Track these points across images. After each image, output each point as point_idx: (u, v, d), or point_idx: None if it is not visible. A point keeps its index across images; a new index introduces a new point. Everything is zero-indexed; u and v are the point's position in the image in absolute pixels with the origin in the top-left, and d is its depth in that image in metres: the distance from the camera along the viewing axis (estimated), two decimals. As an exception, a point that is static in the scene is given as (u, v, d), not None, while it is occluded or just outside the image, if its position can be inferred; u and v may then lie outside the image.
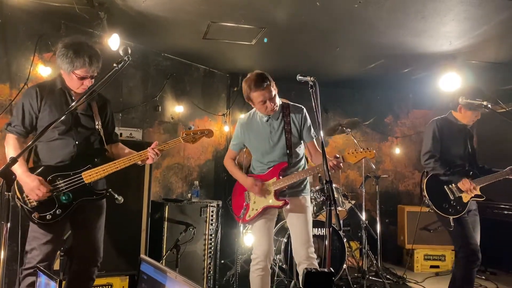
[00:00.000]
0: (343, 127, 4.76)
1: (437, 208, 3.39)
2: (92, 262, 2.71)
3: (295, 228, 3.03)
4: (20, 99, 2.61)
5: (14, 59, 3.78)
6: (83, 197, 2.60)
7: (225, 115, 5.99)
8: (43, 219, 2.45)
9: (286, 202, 3.00)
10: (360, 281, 4.58)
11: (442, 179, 3.44)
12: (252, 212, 3.06)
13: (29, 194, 2.42)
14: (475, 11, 3.62)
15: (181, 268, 3.87)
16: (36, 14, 3.86)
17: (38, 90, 2.56)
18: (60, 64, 2.52)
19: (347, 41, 4.54)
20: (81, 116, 2.66)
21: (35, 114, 2.54)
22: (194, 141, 2.89)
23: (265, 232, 3.05)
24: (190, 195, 4.72)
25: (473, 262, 3.29)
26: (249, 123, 3.15)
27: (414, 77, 5.76)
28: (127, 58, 2.27)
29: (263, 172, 3.11)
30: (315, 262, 2.95)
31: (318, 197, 4.66)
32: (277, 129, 3.04)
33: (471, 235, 3.34)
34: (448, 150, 3.50)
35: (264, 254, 3.00)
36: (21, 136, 2.55)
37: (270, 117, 3.04)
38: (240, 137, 3.20)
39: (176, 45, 4.88)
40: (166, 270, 1.50)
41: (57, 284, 1.69)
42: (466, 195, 3.39)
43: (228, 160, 3.28)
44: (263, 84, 2.87)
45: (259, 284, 3.02)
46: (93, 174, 2.59)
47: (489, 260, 5.28)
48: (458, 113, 3.54)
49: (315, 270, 2.05)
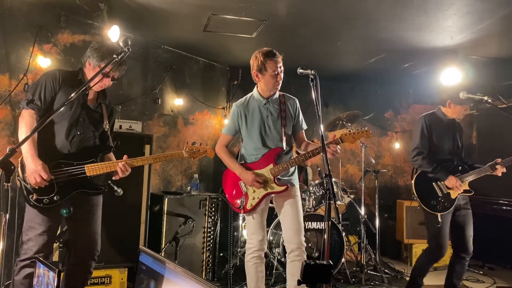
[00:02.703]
0: (343, 121, 4.75)
1: (425, 205, 3.42)
2: (90, 255, 2.72)
3: (289, 216, 3.03)
4: (41, 78, 2.60)
5: (13, 50, 3.76)
6: (82, 189, 2.61)
7: (225, 109, 5.98)
8: (39, 201, 2.45)
9: (288, 186, 3.01)
10: (358, 275, 4.61)
11: (430, 176, 3.46)
12: (253, 201, 3.00)
13: (29, 177, 2.42)
14: (477, 6, 3.60)
15: (180, 260, 3.88)
16: (36, 5, 3.84)
17: (59, 74, 2.60)
18: (90, 56, 2.59)
19: (348, 35, 4.52)
20: (92, 111, 2.71)
21: (54, 94, 2.56)
22: (195, 157, 2.94)
23: (259, 221, 3.04)
24: (189, 188, 4.73)
25: (435, 257, 3.44)
26: (246, 106, 3.09)
27: (415, 72, 5.74)
28: (127, 49, 2.28)
29: (257, 159, 3.05)
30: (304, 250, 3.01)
31: (317, 191, 4.67)
32: (273, 114, 3.05)
33: (445, 233, 3.39)
34: (437, 146, 3.51)
35: (259, 243, 3.01)
36: (38, 113, 2.53)
37: (268, 101, 3.05)
38: (235, 121, 3.10)
39: (176, 37, 4.86)
40: (165, 260, 1.50)
41: (56, 274, 1.69)
42: (454, 191, 3.41)
43: (222, 148, 3.15)
44: (277, 54, 2.95)
45: (255, 272, 3.04)
46: (96, 168, 2.61)
47: (487, 255, 5.31)
48: (447, 108, 3.54)
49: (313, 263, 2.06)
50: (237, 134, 3.17)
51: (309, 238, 4.26)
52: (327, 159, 2.35)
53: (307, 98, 3.25)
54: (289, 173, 3.09)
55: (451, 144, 3.53)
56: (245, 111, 3.08)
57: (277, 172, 2.98)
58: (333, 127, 4.98)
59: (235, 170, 3.05)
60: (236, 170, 3.05)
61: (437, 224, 3.34)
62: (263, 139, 3.04)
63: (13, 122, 3.72)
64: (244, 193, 3.01)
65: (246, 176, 2.98)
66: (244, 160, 3.12)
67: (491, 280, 4.76)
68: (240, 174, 3.02)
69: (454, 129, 3.58)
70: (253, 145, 3.06)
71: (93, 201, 2.74)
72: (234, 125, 3.12)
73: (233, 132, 3.14)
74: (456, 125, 3.61)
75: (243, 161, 3.12)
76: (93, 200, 2.73)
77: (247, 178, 2.98)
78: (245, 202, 2.99)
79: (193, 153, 2.91)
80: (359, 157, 6.37)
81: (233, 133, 3.15)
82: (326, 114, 6.33)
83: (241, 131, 3.11)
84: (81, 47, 4.14)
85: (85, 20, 4.19)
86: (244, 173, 3.00)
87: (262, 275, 3.07)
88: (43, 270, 1.84)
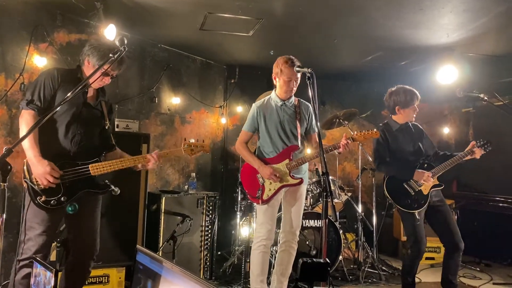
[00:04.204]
0: (340, 119, 4.75)
1: (401, 205, 3.50)
2: (89, 254, 2.72)
3: (293, 211, 3.30)
4: (39, 77, 2.58)
5: (9, 49, 3.75)
6: (88, 189, 2.61)
7: (222, 107, 5.97)
8: (47, 203, 2.45)
9: (302, 180, 3.28)
10: (356, 273, 4.62)
11: (399, 178, 3.55)
12: (270, 192, 3.23)
13: (39, 178, 2.41)
14: (473, 3, 3.61)
15: (178, 259, 3.88)
16: (32, 4, 3.82)
17: (57, 72, 2.59)
18: (90, 55, 2.58)
19: (345, 33, 4.52)
20: (92, 109, 2.70)
21: (54, 93, 2.54)
22: (192, 154, 2.98)
23: (270, 212, 3.25)
24: (187, 186, 4.72)
25: (416, 253, 3.48)
26: (264, 106, 3.35)
27: (411, 70, 5.75)
28: (123, 48, 2.28)
29: (273, 155, 3.29)
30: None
31: (314, 189, 4.67)
32: (289, 115, 3.32)
33: (420, 228, 3.46)
34: (397, 151, 3.60)
35: (268, 233, 3.22)
36: (39, 113, 2.50)
37: (285, 102, 3.31)
38: (255, 119, 3.34)
39: (173, 36, 4.85)
40: (162, 260, 1.51)
41: (53, 274, 1.69)
42: (425, 187, 3.48)
43: (242, 144, 3.38)
44: (295, 64, 3.15)
45: (260, 260, 3.21)
46: (100, 167, 2.61)
47: (484, 252, 5.34)
48: (397, 115, 3.67)
49: (311, 261, 2.07)
50: (255, 131, 3.40)
51: (306, 236, 4.27)
52: (324, 157, 2.38)
53: (304, 96, 3.29)
54: (302, 171, 3.36)
55: (411, 146, 3.61)
56: (264, 111, 3.33)
57: (293, 166, 3.24)
58: (330, 125, 4.98)
59: (254, 164, 3.29)
60: (255, 164, 3.28)
61: (416, 222, 3.44)
62: (280, 137, 3.29)
63: (9, 122, 3.71)
64: (261, 185, 3.26)
65: (265, 169, 3.21)
66: (261, 155, 3.35)
67: (487, 277, 4.78)
68: (259, 168, 3.25)
69: (411, 132, 3.66)
70: (270, 142, 3.30)
71: (94, 200, 2.74)
72: (253, 123, 3.36)
73: (252, 129, 3.38)
74: (411, 128, 3.68)
75: (261, 156, 3.35)
76: (94, 199, 2.74)
77: (265, 171, 3.20)
78: (262, 193, 3.22)
79: (190, 149, 2.94)
80: (356, 155, 6.38)
81: (252, 130, 3.39)
82: (323, 112, 6.33)
83: (259, 128, 3.36)
84: (78, 46, 4.13)
85: (81, 19, 4.18)
86: (262, 167, 3.23)
87: (266, 266, 3.27)
88: (41, 270, 1.84)
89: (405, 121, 3.66)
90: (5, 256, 3.33)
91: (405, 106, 3.61)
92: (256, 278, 3.22)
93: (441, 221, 3.52)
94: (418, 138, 3.67)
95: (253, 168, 3.31)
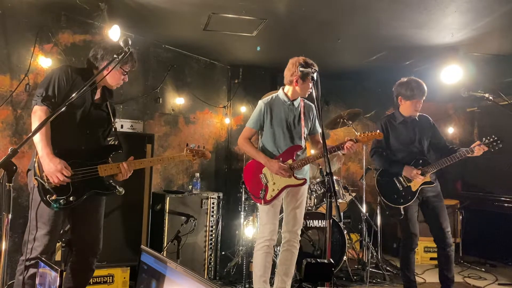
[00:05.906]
0: (344, 119, 4.74)
1: (388, 200, 3.56)
2: (92, 252, 2.73)
3: (295, 211, 3.29)
4: (53, 73, 2.55)
5: (14, 51, 3.77)
6: (96, 189, 2.61)
7: (226, 107, 5.97)
8: (57, 202, 2.45)
9: (306, 180, 3.27)
10: (360, 273, 4.61)
11: (390, 172, 3.59)
12: (273, 192, 3.21)
13: (50, 176, 2.39)
14: (477, 3, 3.59)
15: (182, 259, 3.89)
16: (37, 5, 3.84)
17: (71, 70, 2.58)
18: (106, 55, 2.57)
19: (349, 33, 4.52)
20: (100, 110, 2.72)
21: (69, 89, 2.51)
22: (193, 159, 3.02)
23: (273, 213, 3.23)
24: (191, 187, 4.73)
25: (409, 246, 3.55)
26: (272, 103, 3.31)
27: (415, 70, 5.73)
28: (128, 49, 2.28)
29: (276, 154, 3.26)
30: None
31: (318, 189, 4.67)
32: (295, 115, 3.30)
33: (413, 224, 3.53)
34: (395, 144, 3.63)
35: (271, 233, 3.20)
36: (52, 110, 2.45)
37: (292, 102, 3.28)
38: (261, 116, 3.29)
39: (177, 36, 4.86)
40: (166, 260, 1.51)
41: (58, 274, 1.70)
42: (414, 184, 3.51)
43: (245, 140, 3.32)
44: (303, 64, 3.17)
45: (263, 260, 3.20)
46: (107, 168, 2.62)
47: (489, 252, 5.32)
48: (402, 107, 3.67)
49: (315, 261, 2.07)
50: (259, 129, 3.34)
51: (310, 237, 4.27)
52: (329, 158, 2.38)
53: (308, 96, 3.29)
54: (304, 171, 3.33)
55: (412, 141, 3.62)
56: (271, 108, 3.29)
57: (296, 167, 3.20)
58: (334, 125, 4.97)
59: (260, 159, 3.24)
60: (261, 159, 3.24)
61: (399, 216, 3.50)
62: (284, 136, 3.26)
63: (15, 122, 3.73)
64: (265, 185, 3.22)
65: (272, 164, 3.17)
66: (264, 153, 3.30)
67: (493, 277, 4.76)
68: (266, 163, 3.21)
69: (415, 126, 3.66)
70: (274, 141, 3.27)
71: (100, 200, 2.75)
72: (259, 120, 3.31)
73: (257, 126, 3.32)
74: (416, 122, 3.68)
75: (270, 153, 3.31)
76: (100, 199, 2.75)
77: (273, 166, 3.16)
78: (265, 193, 3.19)
79: (192, 155, 3.00)
80: (360, 155, 6.37)
81: (257, 127, 3.33)
82: (327, 112, 6.32)
83: (264, 126, 3.30)
84: (82, 47, 4.15)
85: (85, 20, 4.20)
86: (269, 161, 3.19)
87: (269, 266, 3.26)
88: (46, 270, 1.85)
89: (409, 114, 3.64)
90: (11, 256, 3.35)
91: (406, 98, 3.60)
92: (259, 279, 3.22)
93: (433, 215, 3.56)
94: (424, 133, 3.66)
95: (256, 168, 3.28)
